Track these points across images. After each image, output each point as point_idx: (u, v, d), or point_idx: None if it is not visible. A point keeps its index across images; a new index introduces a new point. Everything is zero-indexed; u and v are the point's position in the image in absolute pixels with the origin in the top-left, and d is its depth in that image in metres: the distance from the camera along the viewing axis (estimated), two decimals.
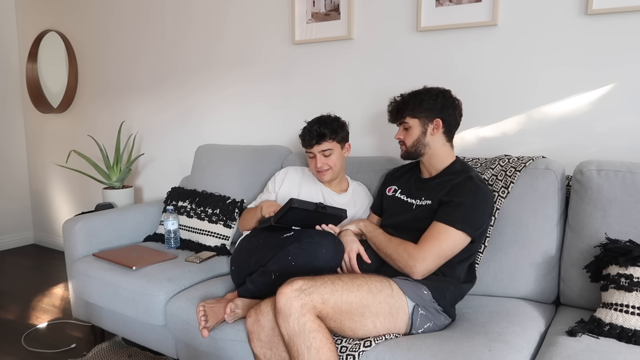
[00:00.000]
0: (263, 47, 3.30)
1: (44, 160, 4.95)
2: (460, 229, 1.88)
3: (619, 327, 1.65)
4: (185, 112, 3.77)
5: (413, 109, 2.07)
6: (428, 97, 2.07)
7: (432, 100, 2.06)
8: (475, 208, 1.93)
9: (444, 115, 2.06)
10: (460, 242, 1.91)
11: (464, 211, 1.91)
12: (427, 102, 2.06)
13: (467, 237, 1.90)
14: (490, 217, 2.03)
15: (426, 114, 2.06)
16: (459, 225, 1.88)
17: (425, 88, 2.13)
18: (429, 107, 2.05)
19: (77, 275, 2.65)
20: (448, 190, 1.99)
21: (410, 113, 2.07)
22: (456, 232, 1.88)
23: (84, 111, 4.50)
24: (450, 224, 1.89)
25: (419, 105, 2.06)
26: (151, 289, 2.32)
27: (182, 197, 2.98)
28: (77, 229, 2.76)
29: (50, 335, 3.04)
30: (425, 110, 2.06)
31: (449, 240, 1.89)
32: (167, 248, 2.81)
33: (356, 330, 1.72)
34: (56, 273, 4.21)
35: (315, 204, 2.04)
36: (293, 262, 1.95)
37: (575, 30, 2.29)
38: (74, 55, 4.45)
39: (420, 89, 2.13)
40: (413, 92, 2.12)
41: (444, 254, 1.89)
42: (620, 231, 1.89)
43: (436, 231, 1.91)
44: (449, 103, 2.08)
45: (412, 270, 1.88)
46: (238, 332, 1.97)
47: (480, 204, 1.94)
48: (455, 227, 1.88)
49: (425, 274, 1.89)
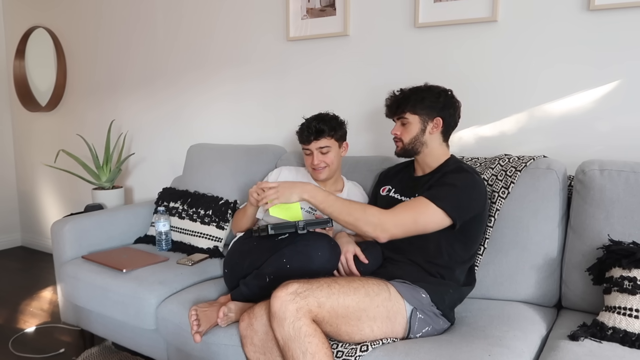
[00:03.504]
0: (256, 44, 3.29)
1: (32, 160, 4.93)
2: (440, 206, 1.86)
3: (622, 331, 1.65)
4: (176, 111, 3.77)
5: (414, 105, 2.06)
6: (430, 95, 2.06)
7: (434, 98, 2.06)
8: (463, 192, 1.91)
9: (445, 114, 2.06)
10: (437, 221, 1.88)
11: (450, 192, 1.90)
12: (429, 99, 2.05)
13: (447, 218, 1.87)
14: (483, 210, 2.00)
15: (427, 111, 2.05)
16: (441, 203, 1.86)
17: (427, 85, 2.13)
18: (430, 104, 2.05)
19: (66, 278, 2.64)
20: (439, 177, 2.00)
21: (411, 109, 2.07)
22: (436, 209, 1.86)
23: (72, 110, 4.49)
24: (432, 199, 1.87)
25: (421, 102, 2.05)
26: (142, 292, 2.31)
27: (174, 198, 2.97)
28: (66, 230, 2.75)
29: (38, 340, 3.03)
30: (427, 107, 2.05)
31: (426, 214, 1.87)
32: (158, 250, 2.81)
33: (353, 334, 1.72)
34: (44, 276, 4.20)
35: (295, 224, 2.01)
36: (288, 265, 1.95)
37: (577, 27, 2.29)
38: (62, 52, 4.44)
39: (422, 85, 2.13)
40: (414, 88, 2.11)
41: (417, 226, 1.87)
42: (624, 233, 1.89)
43: (417, 203, 1.90)
44: (450, 103, 2.08)
45: (381, 232, 1.84)
46: (231, 336, 1.96)
47: (470, 191, 1.93)
48: (436, 204, 1.86)
49: (392, 238, 1.86)
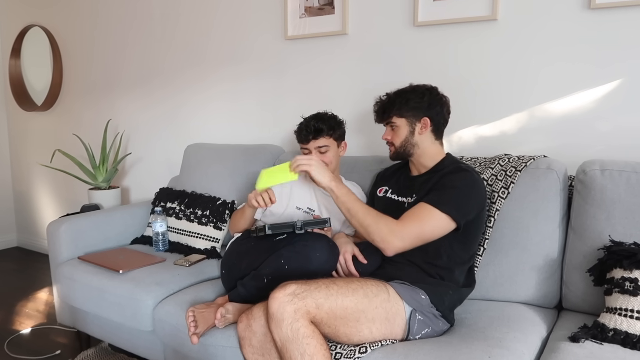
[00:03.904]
0: (254, 43, 3.28)
1: (28, 160, 4.92)
2: (445, 211, 1.86)
3: (624, 333, 1.64)
4: (174, 110, 3.76)
5: (400, 108, 2.06)
6: (414, 96, 2.06)
7: (418, 99, 2.05)
8: (465, 193, 1.91)
9: (432, 113, 2.06)
10: (443, 226, 1.88)
11: (452, 195, 1.89)
12: (413, 100, 2.05)
13: (452, 222, 1.88)
14: (482, 209, 2.00)
15: (413, 112, 2.05)
16: (445, 207, 1.86)
17: (411, 86, 2.13)
18: (415, 105, 2.05)
19: (62, 279, 2.64)
20: (438, 179, 1.99)
21: (397, 112, 2.07)
22: (441, 215, 1.86)
23: (69, 109, 4.48)
24: (435, 205, 1.87)
25: (405, 104, 2.05)
26: (139, 293, 2.31)
27: (171, 198, 2.97)
28: (62, 231, 2.75)
29: (34, 341, 3.03)
30: (412, 109, 2.05)
31: (431, 222, 1.87)
32: (155, 251, 2.80)
33: (351, 336, 1.71)
34: (40, 277, 4.19)
35: (293, 224, 2.03)
36: (286, 266, 1.95)
37: (578, 25, 2.29)
38: (58, 51, 4.43)
39: (407, 86, 2.13)
40: (399, 91, 2.12)
41: (424, 236, 1.87)
42: (625, 233, 1.88)
43: (420, 211, 1.89)
44: (436, 101, 2.08)
45: (389, 245, 1.85)
46: (229, 338, 1.95)
47: (471, 191, 1.93)
48: (440, 209, 1.86)
49: (398, 252, 1.87)
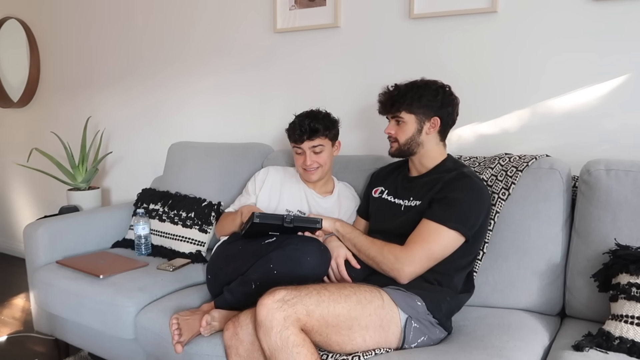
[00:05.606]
0: (241, 36, 3.27)
1: (3, 159, 4.90)
2: (453, 228, 1.86)
3: (630, 341, 1.63)
4: (156, 106, 3.75)
5: (410, 104, 2.02)
6: (428, 92, 2.03)
7: (431, 96, 2.02)
8: (470, 205, 1.90)
9: (443, 113, 2.03)
10: (452, 243, 1.88)
11: (458, 209, 1.89)
12: (426, 97, 2.02)
13: (461, 237, 1.88)
14: (487, 216, 2.00)
15: (424, 110, 2.02)
16: (452, 224, 1.86)
17: (423, 80, 2.09)
18: (428, 103, 2.02)
19: (39, 284, 2.63)
20: (440, 187, 1.97)
21: (407, 108, 2.03)
22: (449, 232, 1.86)
23: (46, 106, 4.46)
24: (442, 222, 1.86)
25: (418, 101, 2.02)
26: (120, 299, 2.30)
27: (154, 200, 2.95)
28: (40, 234, 2.74)
29: (9, 350, 3.02)
30: (423, 106, 2.02)
31: (440, 241, 1.87)
32: (137, 255, 2.79)
33: (344, 344, 1.70)
34: (16, 282, 4.18)
35: (282, 217, 2.00)
36: (275, 271, 1.93)
37: (582, 17, 2.29)
38: (36, 44, 4.40)
39: (418, 80, 2.09)
40: (410, 84, 2.07)
41: (434, 256, 1.87)
42: (631, 236, 1.88)
43: (426, 230, 1.89)
44: (449, 101, 2.05)
45: (400, 274, 1.86)
46: (215, 346, 1.94)
47: (476, 201, 1.92)
48: (448, 226, 1.86)
49: (412, 278, 1.87)
